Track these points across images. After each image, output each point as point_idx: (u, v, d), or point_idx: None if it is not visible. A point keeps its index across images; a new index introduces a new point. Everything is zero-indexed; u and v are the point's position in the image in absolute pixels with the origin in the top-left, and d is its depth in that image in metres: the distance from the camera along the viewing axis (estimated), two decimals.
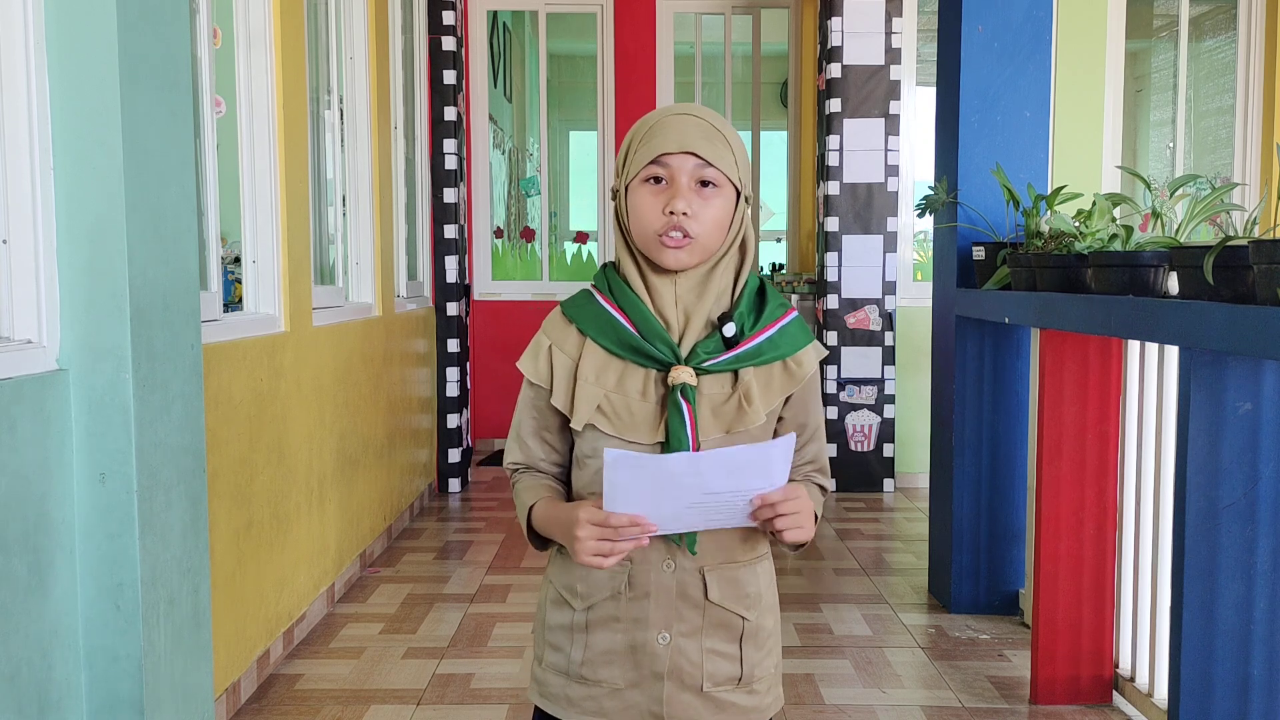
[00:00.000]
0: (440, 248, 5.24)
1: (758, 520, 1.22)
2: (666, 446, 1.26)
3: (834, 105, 5.16)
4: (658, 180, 1.27)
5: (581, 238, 6.68)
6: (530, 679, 1.41)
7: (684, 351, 1.28)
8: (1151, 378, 2.55)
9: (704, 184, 1.26)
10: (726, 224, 1.28)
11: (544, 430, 1.36)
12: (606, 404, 1.28)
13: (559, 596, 1.36)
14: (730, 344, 1.28)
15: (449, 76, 5.15)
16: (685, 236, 1.25)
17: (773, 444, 1.16)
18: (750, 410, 1.28)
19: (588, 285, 1.37)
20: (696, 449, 1.25)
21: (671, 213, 1.24)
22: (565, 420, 1.33)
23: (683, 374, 1.26)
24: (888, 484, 5.31)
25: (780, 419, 1.35)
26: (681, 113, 1.28)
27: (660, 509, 1.18)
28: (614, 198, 1.35)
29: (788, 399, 1.34)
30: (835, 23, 5.11)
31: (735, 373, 1.29)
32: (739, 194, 1.30)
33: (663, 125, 1.27)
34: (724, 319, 1.29)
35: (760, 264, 6.61)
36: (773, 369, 1.31)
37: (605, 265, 1.37)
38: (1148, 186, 2.95)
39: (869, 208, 5.18)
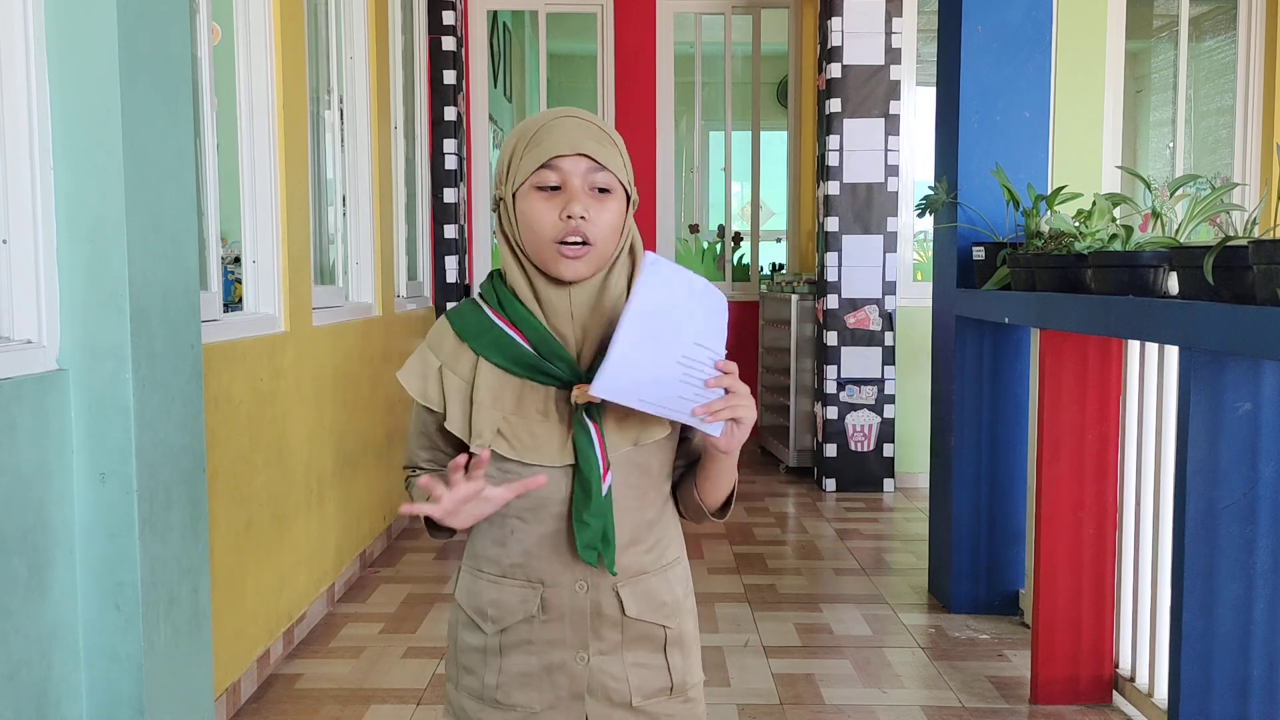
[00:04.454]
0: (440, 248, 5.24)
1: (710, 403, 1.18)
2: (576, 468, 1.22)
3: (834, 105, 5.16)
4: (549, 186, 1.21)
5: None
6: (445, 701, 1.37)
7: (583, 367, 1.23)
8: (1151, 378, 2.55)
9: (598, 190, 1.22)
10: (620, 228, 1.24)
11: (435, 449, 1.32)
12: (507, 427, 1.23)
13: (468, 619, 1.31)
14: None
15: (449, 76, 5.15)
16: (584, 244, 1.21)
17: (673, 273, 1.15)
18: (656, 420, 1.25)
19: (475, 297, 1.31)
20: (606, 466, 1.22)
21: (569, 217, 1.19)
22: (460, 440, 1.28)
23: (587, 393, 1.21)
24: (888, 484, 5.31)
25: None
26: (566, 115, 1.24)
27: (657, 370, 1.16)
28: (495, 208, 1.28)
29: None
30: (835, 23, 5.11)
31: None
32: (628, 198, 1.26)
33: (549, 129, 1.22)
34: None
35: (761, 264, 6.61)
36: None
37: (492, 274, 1.30)
38: (1148, 186, 2.95)
39: (869, 208, 5.18)
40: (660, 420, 1.26)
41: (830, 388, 5.23)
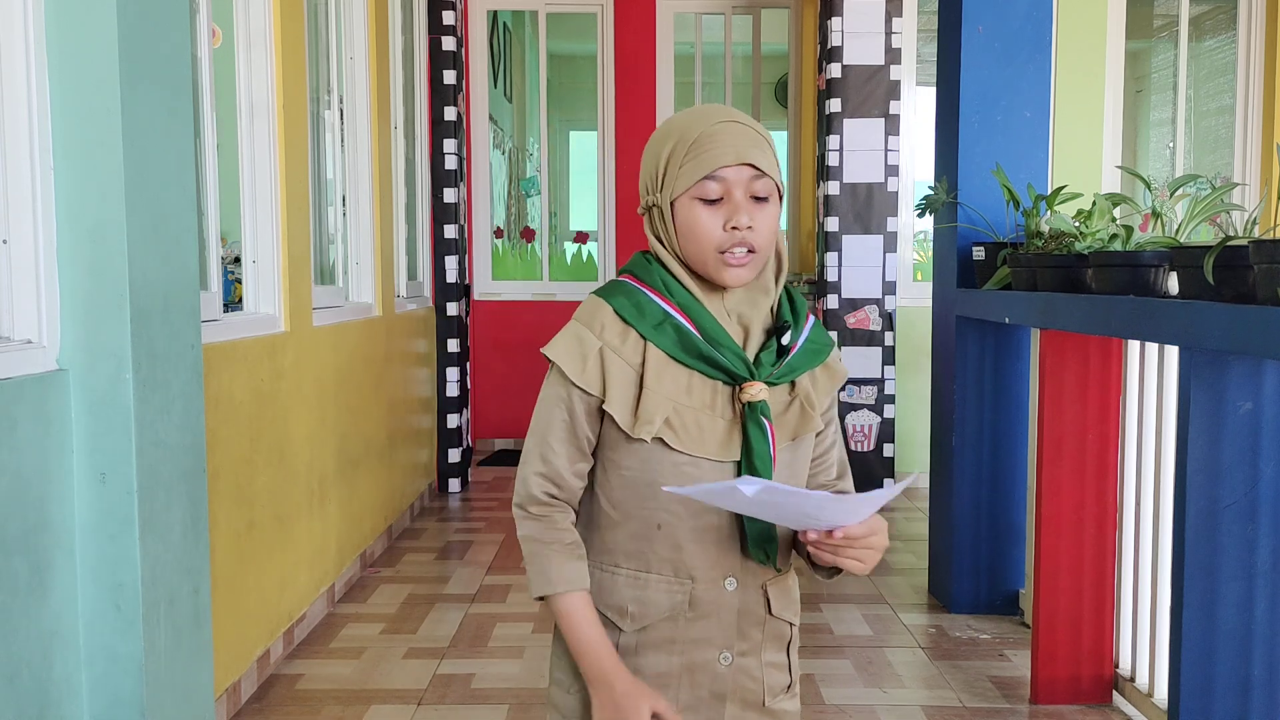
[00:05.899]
0: (440, 248, 5.24)
1: (823, 545, 1.17)
2: (746, 464, 1.19)
3: (834, 105, 5.16)
4: (712, 199, 1.18)
5: (581, 238, 6.68)
6: (552, 707, 1.30)
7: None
8: (1151, 378, 2.55)
9: (757, 199, 1.19)
10: (777, 230, 1.23)
11: (577, 439, 1.24)
12: (675, 416, 1.19)
13: (600, 617, 1.25)
14: (784, 351, 1.23)
15: (449, 76, 5.15)
16: (749, 252, 1.19)
17: (871, 498, 1.11)
18: (813, 415, 1.25)
19: (623, 279, 1.25)
20: (775, 464, 1.20)
21: (735, 228, 1.17)
22: (601, 432, 1.24)
23: (760, 390, 1.19)
24: (888, 484, 5.30)
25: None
26: (727, 120, 1.20)
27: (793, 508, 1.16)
28: (645, 213, 1.24)
29: None
30: (835, 23, 5.11)
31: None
32: (781, 197, 1.24)
33: (712, 137, 1.18)
34: (782, 328, 1.23)
35: None
36: (816, 371, 1.28)
37: (646, 256, 1.26)
38: (1148, 186, 2.95)
39: (869, 208, 5.18)
40: (811, 417, 1.25)
41: None
